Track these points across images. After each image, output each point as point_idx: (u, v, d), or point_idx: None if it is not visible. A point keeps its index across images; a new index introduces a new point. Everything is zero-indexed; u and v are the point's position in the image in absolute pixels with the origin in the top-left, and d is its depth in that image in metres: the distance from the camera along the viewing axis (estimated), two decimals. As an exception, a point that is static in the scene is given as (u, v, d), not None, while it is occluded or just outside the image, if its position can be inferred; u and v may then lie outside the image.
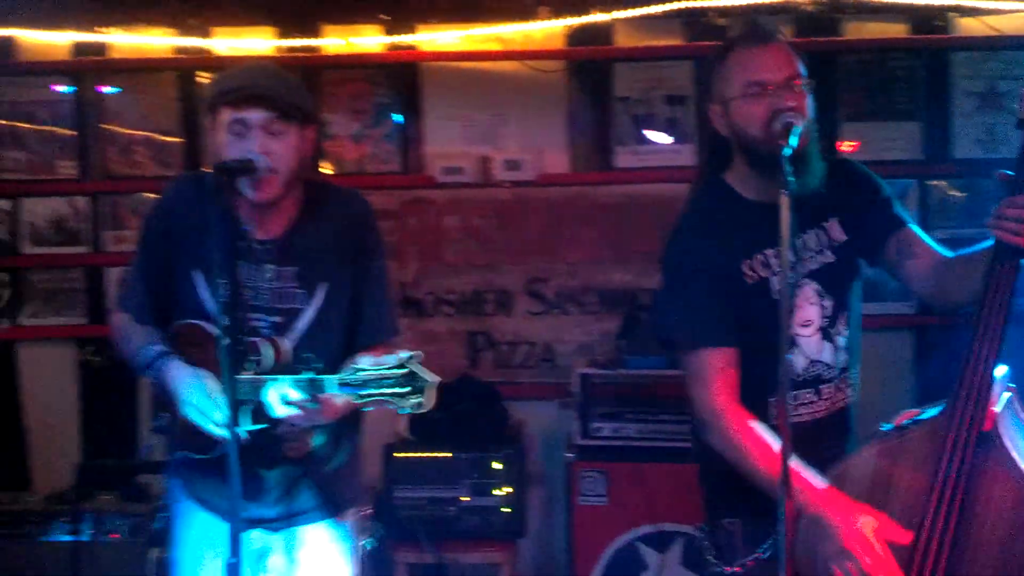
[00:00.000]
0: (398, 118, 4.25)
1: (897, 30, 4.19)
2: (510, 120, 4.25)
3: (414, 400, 1.92)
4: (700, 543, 2.38)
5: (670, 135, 4.20)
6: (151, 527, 3.61)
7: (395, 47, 4.25)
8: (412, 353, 1.95)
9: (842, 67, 4.16)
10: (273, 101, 2.20)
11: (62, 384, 4.37)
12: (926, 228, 2.29)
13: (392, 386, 1.93)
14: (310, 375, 2.07)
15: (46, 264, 4.37)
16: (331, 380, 2.04)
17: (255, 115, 2.19)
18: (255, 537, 2.36)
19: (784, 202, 1.89)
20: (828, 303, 2.22)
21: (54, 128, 4.37)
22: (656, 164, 4.19)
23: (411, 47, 4.25)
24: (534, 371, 4.19)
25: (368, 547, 3.48)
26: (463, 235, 4.22)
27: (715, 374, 2.15)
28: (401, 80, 4.27)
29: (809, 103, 2.13)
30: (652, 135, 4.20)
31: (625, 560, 3.59)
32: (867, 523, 1.93)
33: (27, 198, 4.36)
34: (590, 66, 4.25)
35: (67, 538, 3.77)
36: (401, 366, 1.93)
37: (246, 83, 2.21)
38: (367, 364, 1.97)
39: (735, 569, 2.23)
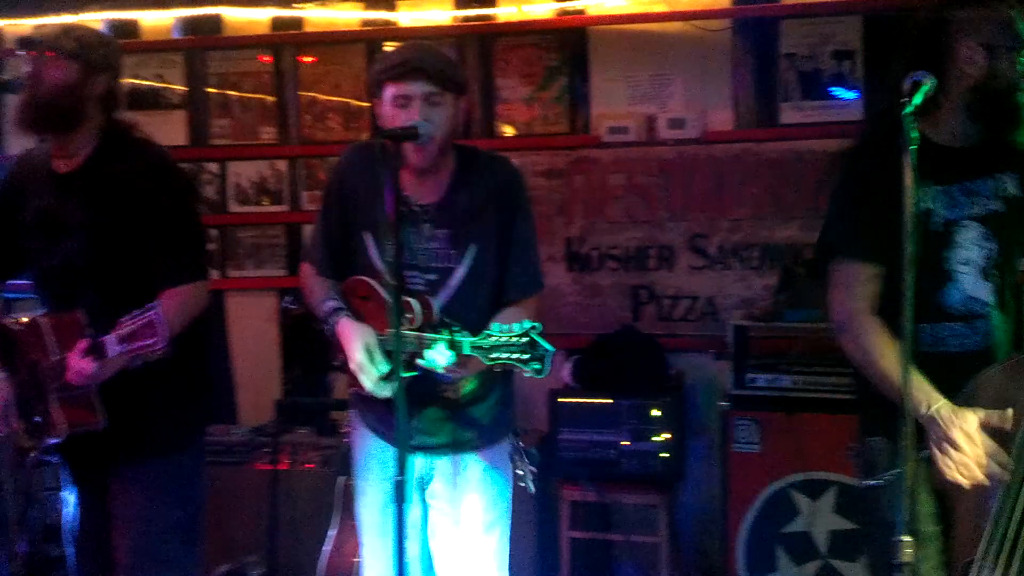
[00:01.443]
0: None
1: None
2: (675, 79, 4.33)
3: (534, 366, 2.18)
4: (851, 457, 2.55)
5: (837, 90, 4.20)
6: (340, 458, 4.00)
7: (564, 12, 4.40)
8: (533, 324, 2.19)
9: None
10: (432, 74, 2.43)
11: (264, 330, 4.76)
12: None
13: (515, 352, 2.18)
14: (450, 337, 2.30)
15: (250, 221, 4.77)
16: (466, 343, 2.28)
17: (416, 87, 2.42)
18: (419, 462, 2.63)
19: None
20: (992, 246, 2.32)
21: (257, 96, 4.79)
22: (822, 120, 4.19)
23: (580, 11, 4.38)
24: (695, 324, 4.29)
25: (525, 476, 3.75)
26: (627, 192, 4.34)
27: (858, 284, 2.31)
28: (570, 44, 4.41)
29: None
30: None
31: (778, 505, 3.68)
32: (971, 420, 2.10)
33: (233, 161, 4.78)
34: (756, 23, 4.27)
35: (268, 466, 4.14)
36: (524, 335, 2.18)
37: (407, 59, 2.45)
38: (496, 331, 2.22)
39: (876, 482, 2.35)
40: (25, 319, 2.75)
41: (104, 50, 2.69)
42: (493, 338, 2.22)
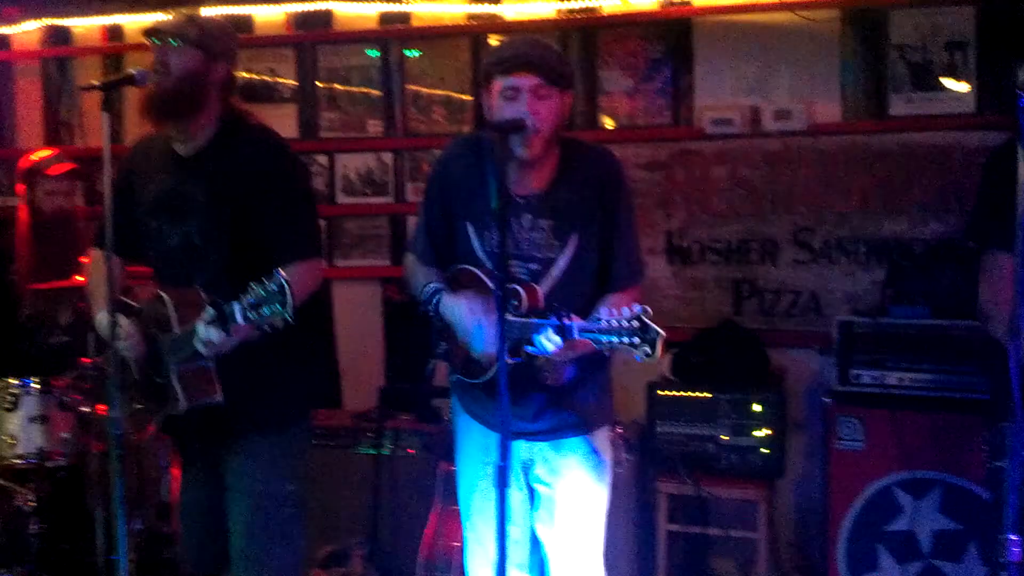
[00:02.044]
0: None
1: None
2: (781, 71, 4.28)
3: (645, 349, 2.17)
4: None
5: (949, 82, 4.10)
6: (440, 444, 4.08)
7: (669, 4, 4.39)
8: (643, 308, 2.19)
9: None
10: (540, 68, 2.47)
11: (369, 318, 4.86)
12: None
13: (625, 335, 2.19)
14: (558, 321, 2.32)
15: (356, 212, 4.87)
16: (575, 327, 2.29)
17: (524, 80, 2.47)
18: (520, 447, 2.67)
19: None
20: None
21: (364, 89, 4.89)
22: (934, 112, 4.10)
23: (685, 3, 4.36)
24: (798, 319, 4.24)
25: (625, 465, 3.77)
26: (730, 185, 4.30)
27: (1004, 275, 2.33)
28: (674, 35, 4.39)
29: None
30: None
31: (880, 504, 3.62)
32: None
33: (341, 154, 4.90)
34: (865, 14, 4.19)
35: (370, 451, 4.24)
36: (634, 319, 2.18)
37: (517, 53, 2.50)
38: (605, 315, 2.23)
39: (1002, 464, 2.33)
40: (147, 295, 2.87)
41: (224, 38, 2.81)
42: (603, 322, 2.23)
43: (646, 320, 2.17)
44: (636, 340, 2.17)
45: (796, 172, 4.25)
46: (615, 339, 2.20)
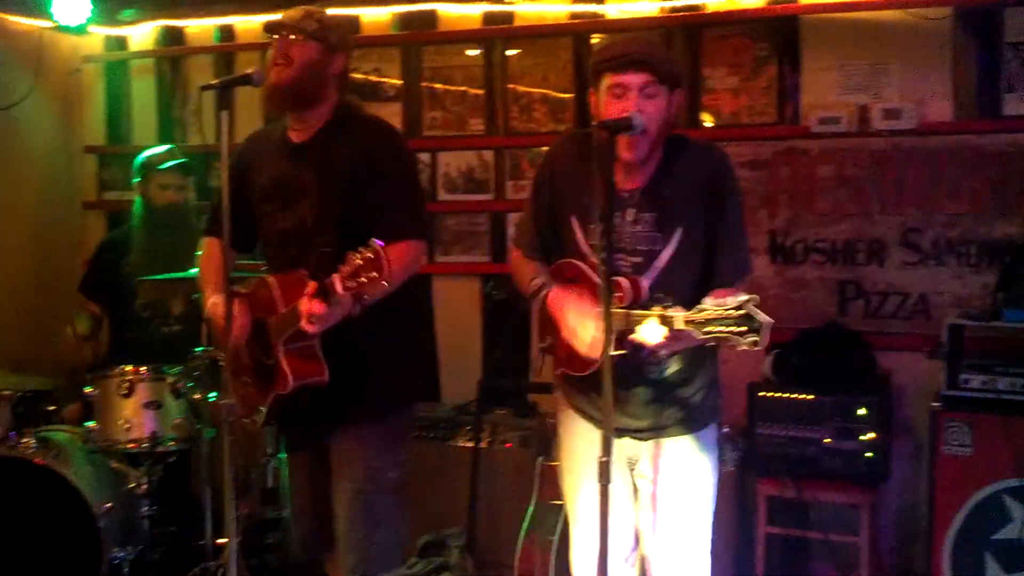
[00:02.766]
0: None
1: None
2: (890, 69, 4.19)
3: (751, 339, 2.14)
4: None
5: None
6: (539, 439, 4.11)
7: (776, 1, 4.34)
8: (749, 296, 2.16)
9: None
10: (650, 66, 2.48)
11: (468, 313, 4.92)
12: None
13: (731, 325, 2.16)
14: (662, 312, 2.31)
15: (457, 209, 4.94)
16: (679, 317, 2.28)
17: (633, 79, 2.48)
18: (625, 443, 2.69)
19: None
20: None
21: (466, 89, 4.94)
22: (1051, 111, 3.99)
23: (792, 0, 4.33)
24: (906, 322, 4.15)
25: (729, 464, 3.74)
26: (836, 184, 4.24)
27: None
28: (780, 33, 4.35)
29: None
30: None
31: (988, 511, 3.53)
32: None
33: (443, 152, 4.96)
34: (978, 11, 4.09)
35: (468, 444, 4.31)
36: (739, 308, 2.15)
37: (627, 51, 2.51)
38: (710, 304, 2.21)
39: None
40: (253, 280, 2.95)
41: (340, 32, 2.90)
42: (707, 312, 2.21)
43: (752, 308, 2.14)
44: (742, 329, 2.14)
45: (904, 172, 4.17)
46: (720, 328, 2.17)
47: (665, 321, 2.30)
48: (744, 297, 2.16)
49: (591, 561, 2.65)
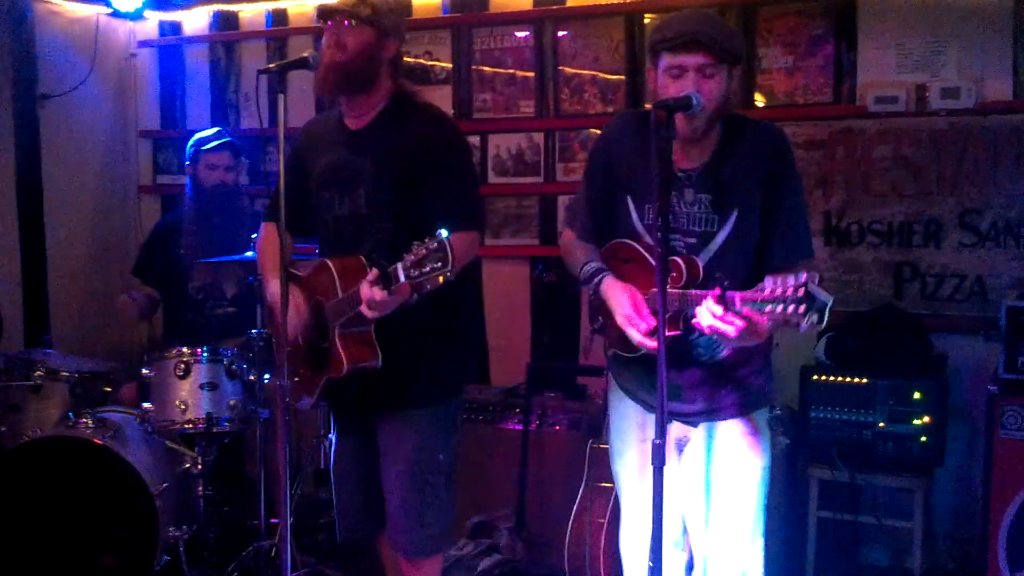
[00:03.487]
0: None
1: None
2: (949, 47, 4.11)
3: (812, 317, 2.08)
4: None
5: None
6: (588, 422, 4.10)
7: (832, -20, 4.29)
8: (809, 274, 2.11)
9: None
10: (709, 46, 2.44)
11: (517, 296, 4.93)
12: None
13: (790, 303, 2.10)
14: (720, 292, 2.28)
15: (507, 192, 4.93)
16: (737, 297, 2.24)
17: (691, 59, 2.45)
18: (677, 426, 2.67)
19: None
20: None
21: (516, 71, 4.92)
22: (1117, 90, 3.90)
23: (848, -22, 4.26)
24: (963, 304, 4.08)
25: (780, 447, 3.70)
26: (893, 165, 4.17)
27: None
28: (837, 11, 4.27)
29: None
30: None
31: (1048, 498, 3.48)
32: None
33: (493, 134, 4.95)
34: (1042, -13, 4.01)
35: (518, 426, 4.31)
36: (800, 286, 2.09)
37: (685, 30, 2.46)
38: (769, 284, 2.16)
39: None
40: (312, 264, 2.98)
41: (394, 16, 2.90)
42: (767, 291, 2.16)
43: (813, 287, 2.09)
44: (801, 308, 2.08)
45: (963, 152, 4.08)
46: (780, 307, 2.12)
47: (723, 301, 2.28)
48: (804, 276, 2.11)
49: (641, 544, 2.65)
